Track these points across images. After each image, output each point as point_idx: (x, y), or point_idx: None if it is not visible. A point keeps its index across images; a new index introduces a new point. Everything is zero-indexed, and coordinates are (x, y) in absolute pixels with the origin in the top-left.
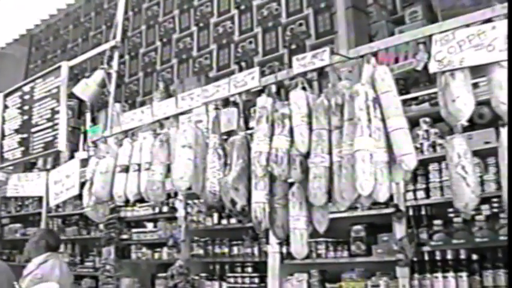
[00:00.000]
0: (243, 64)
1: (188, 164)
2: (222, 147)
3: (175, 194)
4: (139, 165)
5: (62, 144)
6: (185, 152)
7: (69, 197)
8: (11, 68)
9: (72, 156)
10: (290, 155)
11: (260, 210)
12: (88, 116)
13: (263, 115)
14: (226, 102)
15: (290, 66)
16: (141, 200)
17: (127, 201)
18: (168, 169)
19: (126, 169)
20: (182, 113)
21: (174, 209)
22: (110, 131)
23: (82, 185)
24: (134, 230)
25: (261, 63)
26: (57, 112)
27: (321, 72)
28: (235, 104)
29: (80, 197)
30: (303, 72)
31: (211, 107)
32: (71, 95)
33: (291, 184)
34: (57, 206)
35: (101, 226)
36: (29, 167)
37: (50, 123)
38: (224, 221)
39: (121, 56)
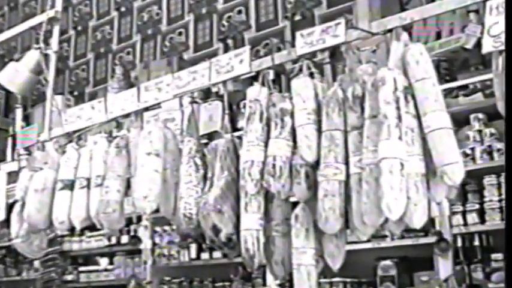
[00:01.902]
0: (230, 42)
1: (155, 177)
2: (200, 155)
3: (139, 218)
4: (88, 179)
5: None
6: (151, 162)
7: None
8: None
9: None
10: (292, 164)
11: (252, 240)
12: (19, 113)
13: (256, 111)
14: (207, 94)
15: (293, 45)
16: (92, 228)
17: (72, 230)
18: (128, 185)
19: (70, 185)
20: (147, 109)
21: (137, 239)
22: (48, 134)
23: (10, 207)
24: (82, 269)
25: (254, 41)
26: None
27: (334, 52)
28: (219, 96)
29: (7, 223)
30: (310, 53)
31: (187, 101)
32: None
33: (294, 204)
34: None
35: (37, 264)
36: None
37: None
38: (205, 255)
39: (63, 32)
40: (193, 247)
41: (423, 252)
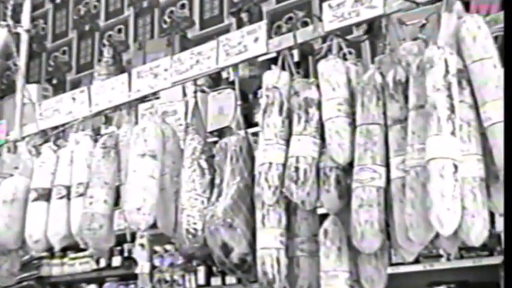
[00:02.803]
0: (244, 16)
1: (150, 185)
2: (207, 157)
3: (133, 236)
4: (68, 188)
5: None
6: (145, 165)
7: None
8: None
9: None
10: (320, 168)
11: (271, 261)
12: (18, 103)
13: (274, 101)
14: (216, 81)
15: (320, 19)
16: (75, 248)
17: (50, 250)
18: (118, 194)
19: (46, 195)
20: (142, 100)
21: (131, 262)
22: (19, 132)
23: None
24: None
25: (274, 15)
26: None
27: (371, 28)
28: (231, 83)
29: None
30: (341, 28)
31: (191, 90)
32: None
33: (323, 217)
34: None
35: None
36: None
37: None
38: (216, 281)
39: (36, 6)
40: (202, 271)
41: (487, 276)
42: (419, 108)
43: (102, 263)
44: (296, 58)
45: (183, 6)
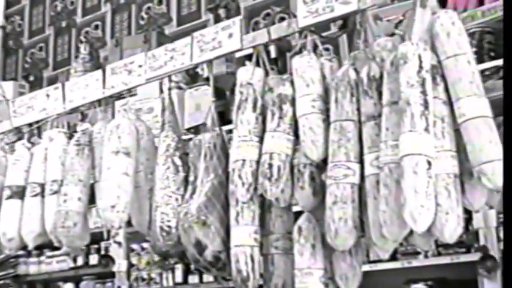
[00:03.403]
0: (222, 12)
1: (124, 182)
2: (180, 154)
3: (109, 233)
4: (42, 185)
5: None
6: (119, 163)
7: None
8: None
9: None
10: (294, 164)
11: (245, 259)
12: None
13: (248, 98)
14: (193, 78)
15: (295, 15)
16: (52, 246)
17: (25, 248)
18: (93, 192)
19: (20, 193)
20: (117, 97)
21: (108, 260)
22: None
23: None
24: None
25: (251, 11)
26: None
27: (346, 24)
28: (207, 80)
29: None
30: (315, 24)
31: (166, 87)
32: None
33: (298, 215)
34: None
35: None
36: None
37: None
38: (194, 278)
39: (12, 3)
40: (179, 268)
41: (465, 273)
42: (393, 105)
43: (80, 261)
44: (273, 54)
45: (160, 2)
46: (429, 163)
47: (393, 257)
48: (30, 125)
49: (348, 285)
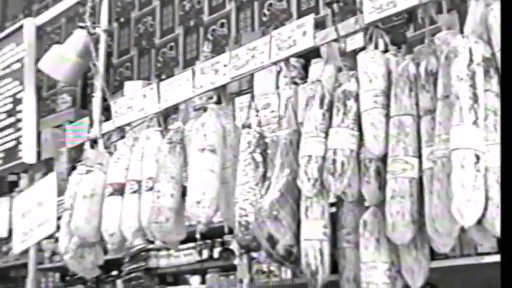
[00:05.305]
0: (336, 7)
1: (209, 178)
2: (261, 150)
3: (229, 228)
4: (139, 182)
5: (28, 154)
6: (205, 160)
7: (42, 237)
8: None
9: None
10: (360, 159)
11: (314, 252)
12: (96, 103)
13: (315, 95)
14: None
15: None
16: (186, 239)
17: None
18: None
19: (120, 190)
20: (237, 94)
21: (230, 253)
22: (98, 129)
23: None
24: None
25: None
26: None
27: (411, 18)
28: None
29: None
30: (380, 20)
31: (283, 82)
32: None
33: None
34: (53, 253)
35: (119, 283)
36: (7, 189)
37: (12, 119)
38: None
39: (144, 4)
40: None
41: None
42: (446, 99)
43: (205, 254)
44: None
45: None
46: (478, 157)
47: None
48: (129, 124)
49: (414, 279)
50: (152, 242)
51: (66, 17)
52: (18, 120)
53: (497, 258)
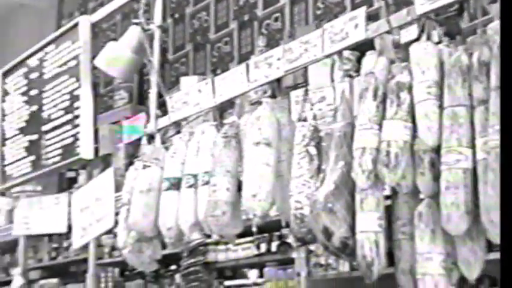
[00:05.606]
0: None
1: (265, 172)
2: (316, 143)
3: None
4: (195, 176)
5: (86, 150)
6: (260, 153)
7: (101, 233)
8: (34, 25)
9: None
10: (414, 151)
11: (370, 244)
12: (153, 99)
13: (368, 87)
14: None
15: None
16: (241, 234)
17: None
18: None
19: (177, 184)
20: (292, 88)
21: (287, 246)
22: (154, 124)
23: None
24: (228, 283)
25: None
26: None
27: (462, 8)
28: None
29: None
30: (433, 11)
31: (338, 75)
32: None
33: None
34: (113, 248)
35: (178, 278)
36: (66, 186)
37: (70, 116)
38: None
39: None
40: None
41: None
42: (498, 89)
43: (263, 248)
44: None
45: None
46: None
47: None
48: (185, 119)
49: (470, 270)
50: (209, 236)
51: (121, 14)
52: (76, 117)
53: None
